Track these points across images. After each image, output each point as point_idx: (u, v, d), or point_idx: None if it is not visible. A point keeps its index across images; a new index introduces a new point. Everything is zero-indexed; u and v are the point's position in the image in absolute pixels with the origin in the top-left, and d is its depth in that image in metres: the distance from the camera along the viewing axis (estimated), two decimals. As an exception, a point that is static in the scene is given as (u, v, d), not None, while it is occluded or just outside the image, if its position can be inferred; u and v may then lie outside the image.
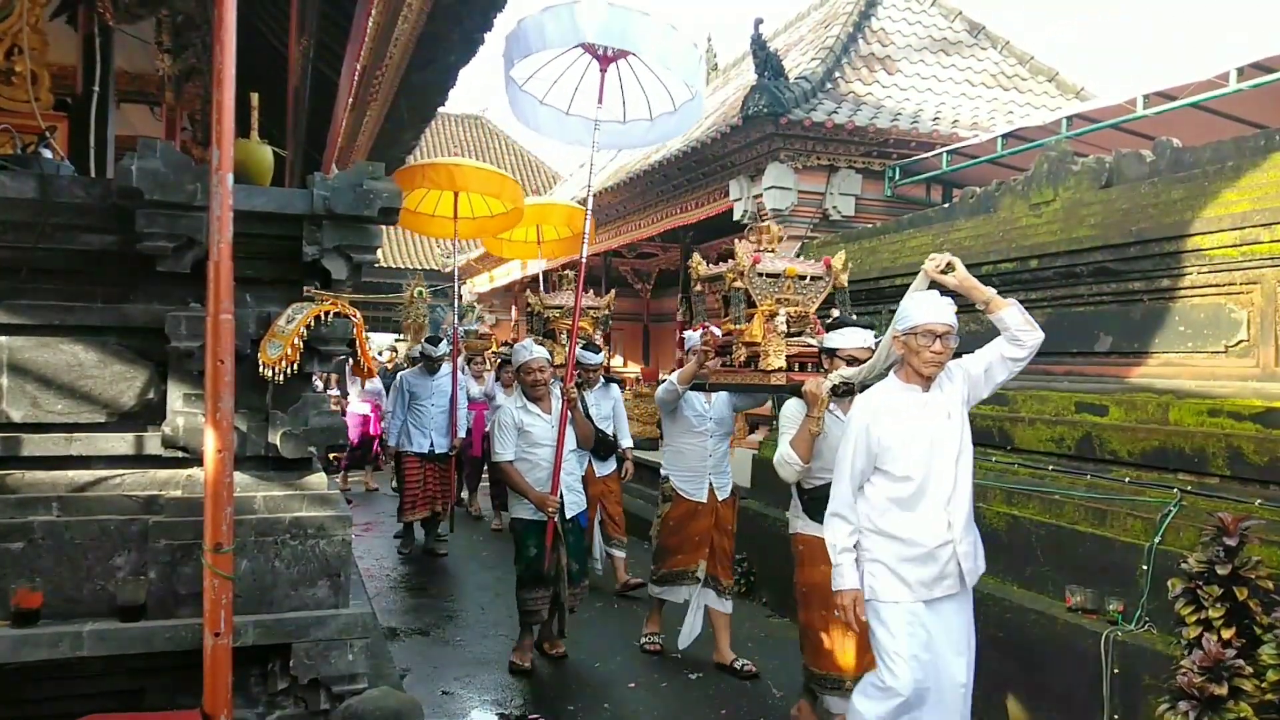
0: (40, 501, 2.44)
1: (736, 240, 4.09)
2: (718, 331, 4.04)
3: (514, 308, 15.80)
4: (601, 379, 5.91)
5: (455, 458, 7.14)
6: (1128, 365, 4.14)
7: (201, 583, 2.23)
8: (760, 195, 8.12)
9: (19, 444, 2.49)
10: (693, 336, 4.43)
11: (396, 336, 16.40)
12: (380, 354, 13.74)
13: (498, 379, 7.85)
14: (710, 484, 4.55)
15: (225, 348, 2.18)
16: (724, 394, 4.50)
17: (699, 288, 4.22)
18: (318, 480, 2.65)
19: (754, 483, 6.44)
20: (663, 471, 4.71)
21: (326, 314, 2.53)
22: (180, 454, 2.56)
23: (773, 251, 3.94)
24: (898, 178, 8.09)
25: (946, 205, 6.38)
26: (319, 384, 14.16)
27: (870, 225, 7.54)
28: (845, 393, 3.23)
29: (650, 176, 9.90)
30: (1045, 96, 9.56)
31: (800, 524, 3.53)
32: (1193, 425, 3.60)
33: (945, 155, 7.47)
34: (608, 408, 5.82)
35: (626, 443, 6.03)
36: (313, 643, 2.45)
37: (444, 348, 7.18)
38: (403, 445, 7.07)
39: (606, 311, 6.65)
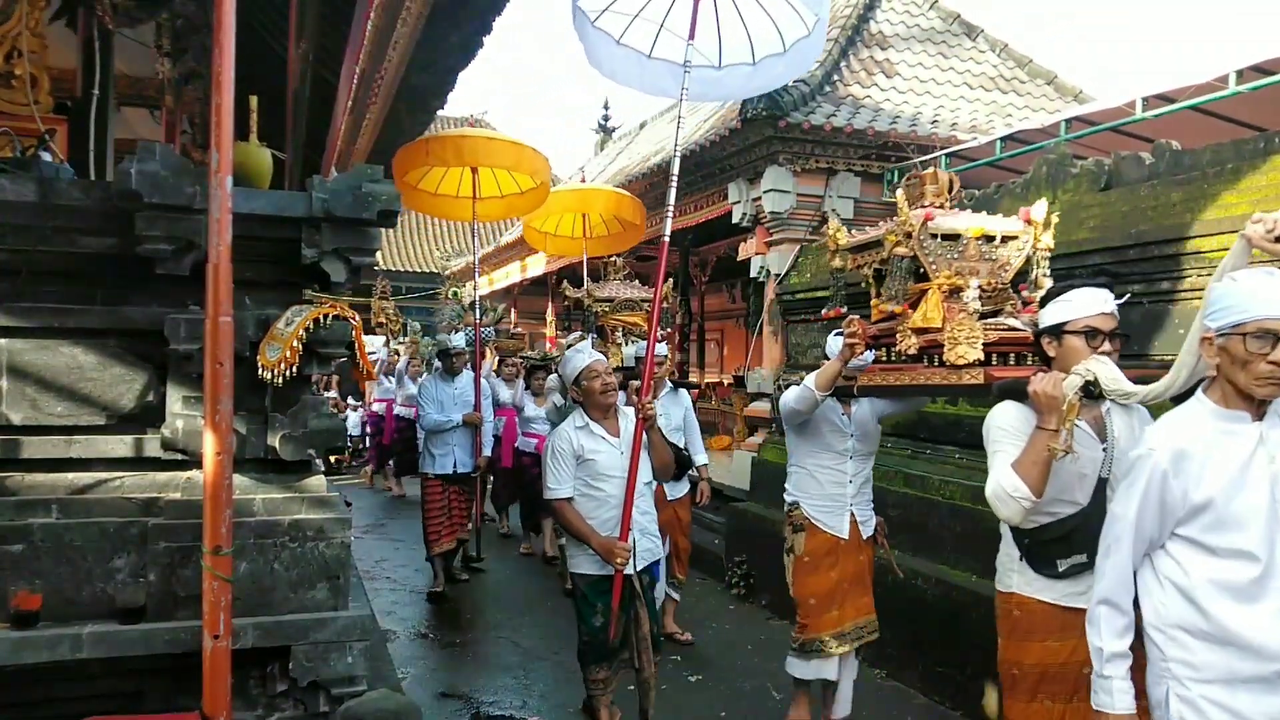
0: (40, 504, 2.44)
1: (895, 191, 3.11)
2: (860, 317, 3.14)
3: (549, 305, 14.83)
4: (669, 382, 5.09)
5: (480, 478, 6.35)
6: (1127, 367, 4.13)
7: (201, 585, 2.23)
8: (759, 198, 8.14)
9: (18, 446, 2.49)
10: (833, 343, 3.52)
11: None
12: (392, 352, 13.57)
13: (527, 387, 7.09)
14: (853, 515, 3.60)
15: (224, 350, 2.18)
16: (865, 402, 3.61)
17: (839, 263, 3.24)
18: (317, 483, 2.66)
19: (753, 485, 6.44)
20: (788, 496, 3.72)
21: (325, 316, 2.53)
22: (179, 456, 2.56)
23: (943, 207, 3.00)
24: (896, 180, 8.10)
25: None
26: (331, 393, 13.89)
27: (870, 228, 7.56)
28: (1098, 395, 2.31)
29: (649, 179, 9.92)
30: (1044, 99, 9.57)
31: (1016, 579, 2.42)
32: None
33: (944, 158, 7.48)
34: (678, 416, 5.03)
35: (701, 459, 5.12)
36: (312, 645, 2.45)
37: (460, 340, 6.45)
38: (423, 466, 6.21)
39: (666, 304, 5.61)
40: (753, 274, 8.78)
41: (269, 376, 2.47)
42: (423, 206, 6.69)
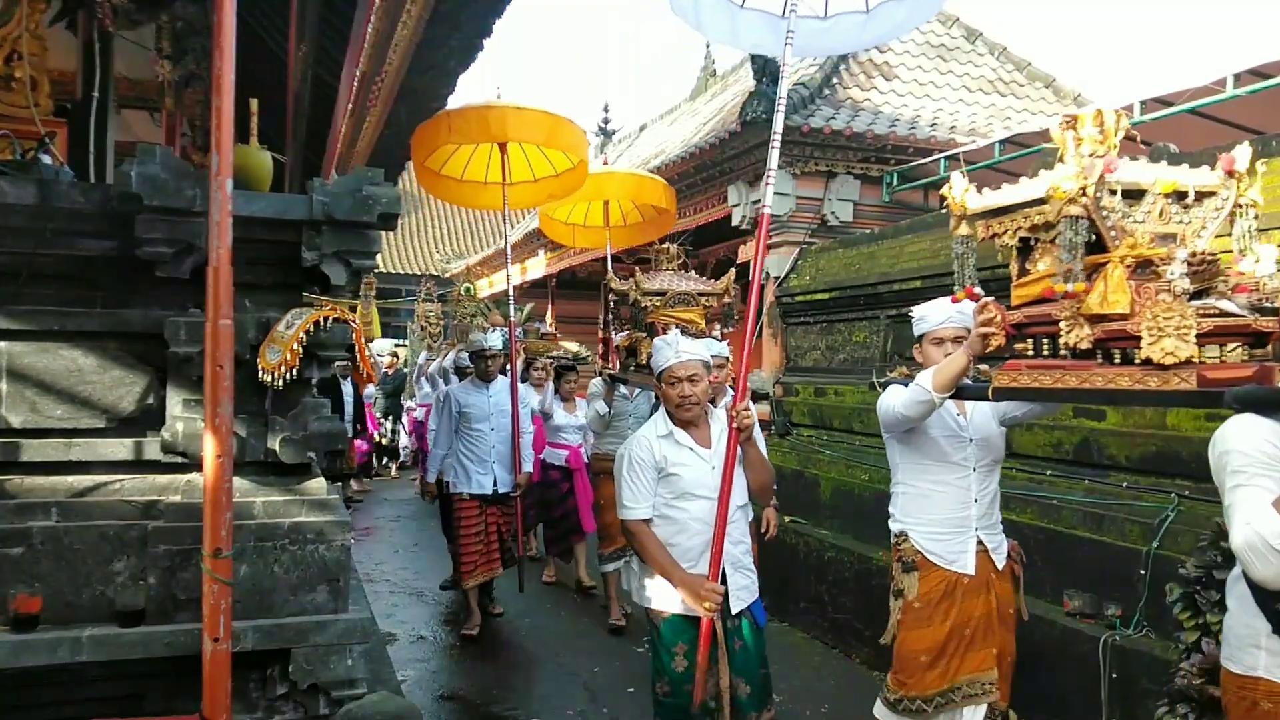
0: (39, 507, 2.43)
1: (1056, 130, 2.35)
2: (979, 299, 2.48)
3: (549, 307, 14.33)
4: (729, 387, 4.35)
5: (520, 498, 5.33)
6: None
7: (201, 588, 2.22)
8: (759, 201, 8.13)
9: (18, 449, 2.49)
10: (946, 313, 2.90)
11: (396, 342, 16.38)
12: (380, 357, 13.49)
13: (556, 391, 6.42)
14: (980, 542, 2.93)
15: (224, 353, 2.18)
16: (985, 403, 2.90)
17: (965, 230, 2.56)
18: (317, 485, 2.66)
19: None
20: (895, 525, 3.06)
21: (325, 319, 2.53)
22: (179, 459, 2.56)
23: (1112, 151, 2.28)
24: (896, 183, 8.12)
25: (944, 211, 6.39)
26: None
27: (869, 231, 7.56)
28: None
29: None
30: (1043, 102, 9.59)
31: (1264, 659, 1.88)
32: (1190, 430, 3.61)
33: (943, 161, 7.49)
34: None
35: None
36: (312, 648, 2.45)
37: (496, 340, 5.58)
38: (455, 485, 5.31)
39: (729, 300, 4.97)
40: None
41: (269, 379, 2.47)
42: (449, 194, 5.90)
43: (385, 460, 12.37)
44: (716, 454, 2.84)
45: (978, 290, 2.59)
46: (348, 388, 8.74)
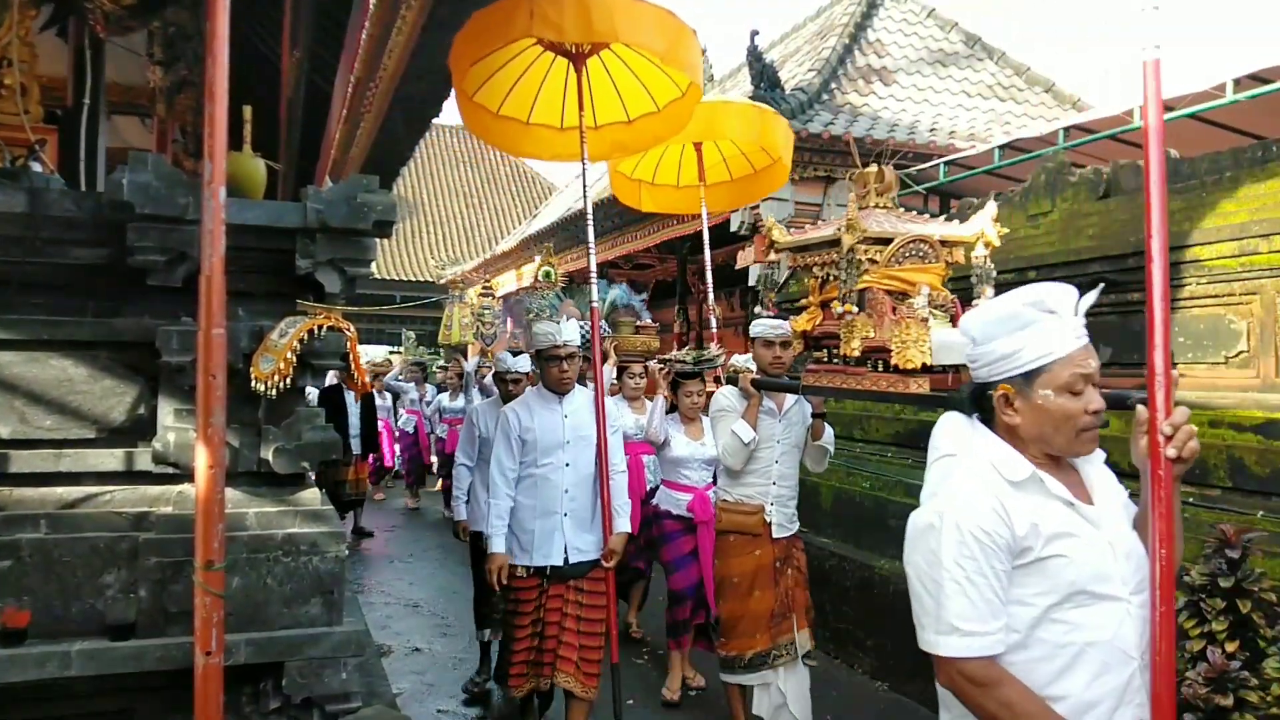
0: (28, 519, 2.40)
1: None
2: None
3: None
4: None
5: (615, 572, 3.51)
6: (1128, 377, 4.12)
7: (192, 601, 2.18)
8: (757, 207, 8.13)
9: (7, 461, 2.45)
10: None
11: (390, 350, 16.29)
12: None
13: (671, 408, 4.61)
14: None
15: (217, 362, 2.15)
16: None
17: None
18: (310, 496, 2.62)
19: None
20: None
21: (320, 328, 2.50)
22: (171, 470, 2.52)
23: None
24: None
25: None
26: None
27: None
28: None
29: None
30: (1042, 107, 9.60)
31: None
32: (1193, 436, 3.59)
33: (942, 166, 7.48)
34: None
35: None
36: (305, 661, 2.41)
37: (574, 332, 3.56)
38: (494, 546, 3.45)
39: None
40: (751, 282, 8.78)
41: (262, 389, 2.43)
42: (507, 141, 4.26)
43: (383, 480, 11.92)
44: (1110, 515, 1.59)
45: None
46: (351, 395, 8.31)
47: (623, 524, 3.51)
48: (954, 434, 1.64)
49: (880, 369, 2.65)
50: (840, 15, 10.30)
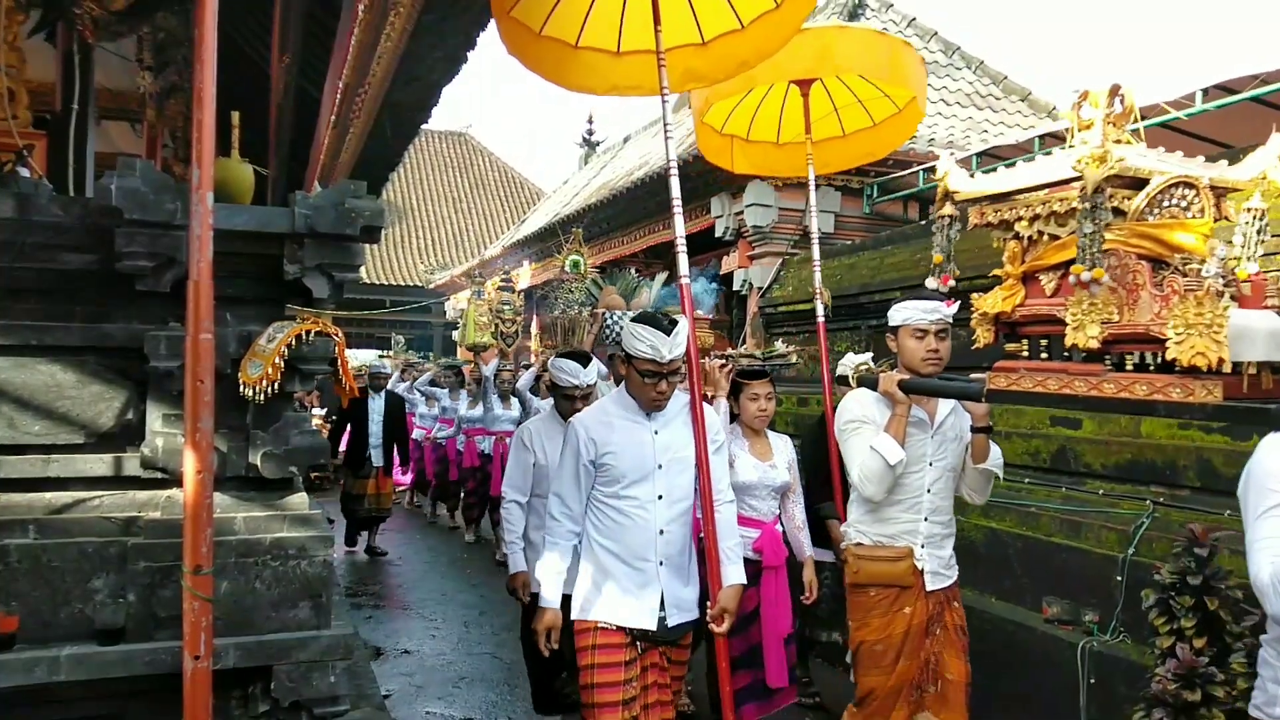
0: (17, 524, 2.40)
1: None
2: None
3: (533, 318, 11.84)
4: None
5: (702, 632, 2.83)
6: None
7: (181, 605, 2.20)
8: (742, 212, 8.21)
9: (-5, 466, 2.46)
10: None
11: (380, 353, 16.23)
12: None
13: (734, 417, 3.54)
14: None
15: (205, 367, 2.17)
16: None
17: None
18: (299, 500, 2.64)
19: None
20: None
21: (308, 333, 2.52)
22: (160, 475, 2.54)
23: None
24: (876, 195, 8.21)
25: (923, 223, 6.48)
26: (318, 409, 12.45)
27: (850, 242, 7.64)
28: None
29: (633, 193, 9.98)
30: (1019, 115, 9.74)
31: None
32: (1163, 438, 3.66)
33: (922, 173, 7.58)
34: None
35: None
36: (294, 665, 2.43)
37: (681, 340, 2.65)
38: (579, 599, 2.67)
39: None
40: (735, 287, 8.84)
41: (251, 394, 2.45)
42: (551, 68, 3.44)
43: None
44: None
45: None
46: (377, 403, 7.55)
47: (735, 573, 2.64)
48: None
49: (1128, 368, 1.68)
50: (822, 23, 10.41)
